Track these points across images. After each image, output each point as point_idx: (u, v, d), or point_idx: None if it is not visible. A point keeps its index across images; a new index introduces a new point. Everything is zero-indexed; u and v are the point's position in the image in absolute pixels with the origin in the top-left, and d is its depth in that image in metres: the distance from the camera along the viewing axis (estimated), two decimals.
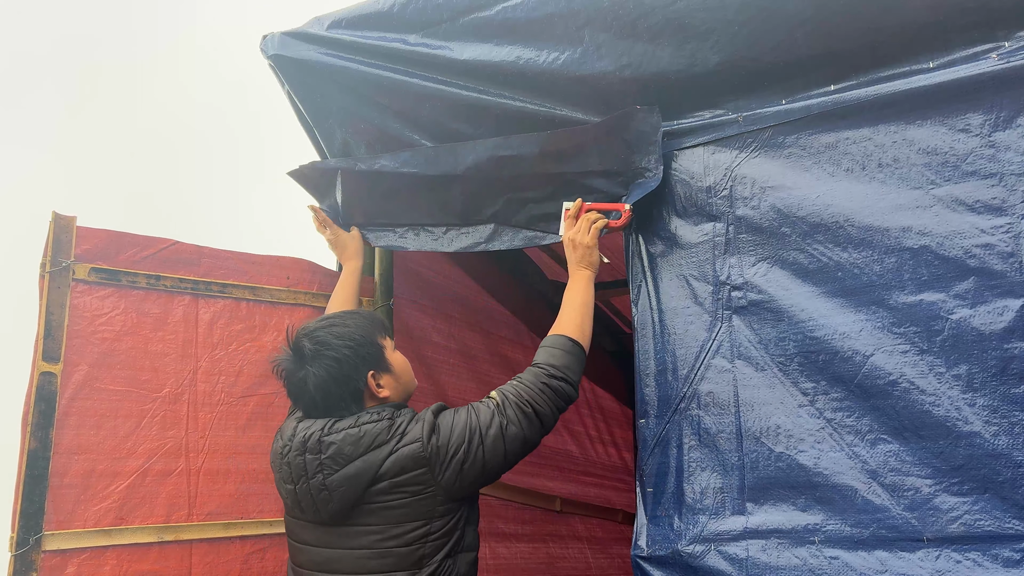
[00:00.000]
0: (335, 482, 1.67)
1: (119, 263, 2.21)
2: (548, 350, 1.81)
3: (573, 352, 1.81)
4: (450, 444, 1.66)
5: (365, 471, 1.65)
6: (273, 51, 2.30)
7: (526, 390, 1.73)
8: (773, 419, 1.77)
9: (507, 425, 1.69)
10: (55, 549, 2.00)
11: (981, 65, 1.63)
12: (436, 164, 2.21)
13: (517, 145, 2.11)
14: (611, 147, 2.02)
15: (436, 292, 2.98)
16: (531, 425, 1.71)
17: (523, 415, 1.71)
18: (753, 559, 1.73)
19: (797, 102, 1.83)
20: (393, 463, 1.65)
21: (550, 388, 1.74)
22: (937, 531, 1.58)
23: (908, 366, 1.64)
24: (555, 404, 1.75)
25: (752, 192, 1.87)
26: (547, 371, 1.76)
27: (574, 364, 1.80)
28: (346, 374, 1.73)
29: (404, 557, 1.66)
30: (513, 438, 1.69)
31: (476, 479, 1.69)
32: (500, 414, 1.70)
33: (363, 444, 1.67)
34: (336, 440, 1.68)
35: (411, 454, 1.65)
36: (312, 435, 1.71)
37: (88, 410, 2.11)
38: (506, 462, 1.71)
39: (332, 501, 1.67)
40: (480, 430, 1.68)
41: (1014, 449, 1.53)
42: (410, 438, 1.67)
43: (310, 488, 1.69)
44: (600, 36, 1.93)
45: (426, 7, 2.11)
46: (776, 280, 1.82)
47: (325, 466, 1.67)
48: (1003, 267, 1.58)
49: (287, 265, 2.50)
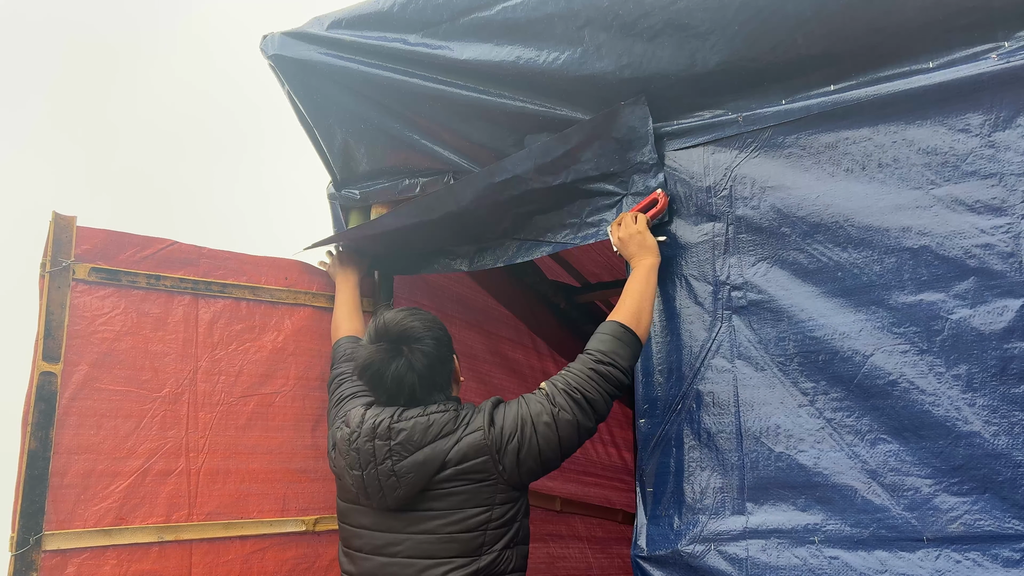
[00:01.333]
0: (404, 468, 1.71)
1: (119, 263, 2.21)
2: (598, 336, 1.83)
3: (622, 338, 1.81)
4: (504, 433, 1.71)
5: (433, 459, 1.70)
6: (273, 51, 2.30)
7: (574, 377, 1.76)
8: (773, 419, 1.77)
9: (558, 412, 1.72)
10: (55, 549, 2.00)
11: (981, 65, 1.63)
12: (435, 208, 2.24)
13: (510, 167, 2.11)
14: (604, 149, 2.02)
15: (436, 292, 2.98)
16: (582, 411, 1.73)
17: (573, 402, 1.73)
18: (753, 559, 1.73)
19: (797, 102, 1.83)
20: (458, 451, 1.70)
21: (598, 374, 1.76)
22: (937, 531, 1.58)
23: (908, 366, 1.64)
24: (605, 390, 1.76)
25: (752, 192, 1.87)
26: (595, 357, 1.78)
27: (622, 349, 1.79)
28: (443, 359, 1.81)
29: (465, 543, 1.70)
30: (565, 424, 1.72)
31: (534, 467, 1.73)
32: (550, 402, 1.73)
33: (432, 432, 1.71)
34: (406, 427, 1.72)
35: (474, 443, 1.70)
36: (382, 422, 1.75)
37: (88, 410, 2.11)
38: (561, 449, 1.74)
39: (400, 487, 1.72)
40: (531, 418, 1.72)
41: (1014, 449, 1.53)
42: (473, 427, 1.72)
43: (378, 474, 1.73)
44: (600, 36, 1.93)
45: (426, 7, 2.11)
46: (776, 280, 1.82)
47: (395, 452, 1.72)
48: (1003, 267, 1.58)
49: (286, 265, 2.50)
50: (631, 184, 2.04)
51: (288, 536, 2.33)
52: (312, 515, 2.38)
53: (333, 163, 2.48)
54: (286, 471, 2.37)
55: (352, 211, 2.56)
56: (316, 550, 2.37)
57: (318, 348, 2.48)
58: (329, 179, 2.57)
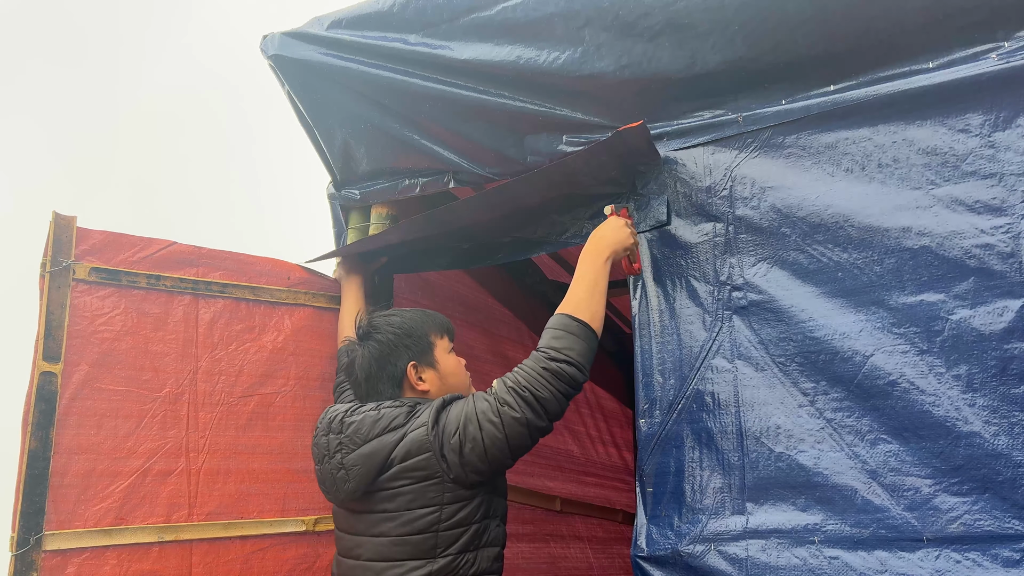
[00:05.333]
0: (351, 460, 1.74)
1: (119, 263, 2.21)
2: (550, 331, 1.75)
3: (575, 331, 1.73)
4: (447, 429, 1.68)
5: (378, 452, 1.71)
6: (273, 51, 2.30)
7: (524, 375, 1.70)
8: (773, 419, 1.77)
9: (505, 411, 1.67)
10: (55, 549, 2.00)
11: (981, 65, 1.63)
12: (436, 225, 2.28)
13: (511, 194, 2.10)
14: (604, 166, 2.00)
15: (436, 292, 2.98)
16: (532, 411, 1.67)
17: (521, 400, 1.67)
18: (753, 559, 1.73)
19: (797, 102, 1.83)
20: (402, 448, 1.70)
21: (549, 372, 1.69)
22: (937, 531, 1.58)
23: (908, 366, 1.64)
24: (556, 387, 1.69)
25: (752, 192, 1.87)
26: (547, 354, 1.71)
27: (577, 344, 1.71)
28: (386, 356, 1.84)
29: (416, 545, 1.69)
30: (512, 422, 1.66)
31: (479, 465, 1.68)
32: (497, 400, 1.69)
33: (379, 426, 1.73)
34: (356, 420, 1.77)
35: (417, 439, 1.69)
36: (337, 415, 1.81)
37: (88, 410, 2.11)
38: (510, 448, 1.68)
39: (349, 480, 1.74)
40: (476, 415, 1.68)
41: (1014, 449, 1.53)
42: (418, 423, 1.71)
43: (331, 467, 1.77)
44: (600, 36, 1.93)
45: (426, 7, 2.11)
46: (776, 280, 1.82)
47: (344, 445, 1.76)
48: (1003, 267, 1.58)
49: (286, 266, 2.50)
50: (632, 185, 2.04)
51: (288, 536, 2.34)
52: (312, 515, 2.38)
53: (333, 163, 2.48)
54: (286, 471, 2.37)
55: (352, 211, 2.56)
56: (316, 550, 2.38)
57: (318, 348, 2.48)
58: (329, 179, 2.57)
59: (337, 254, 2.51)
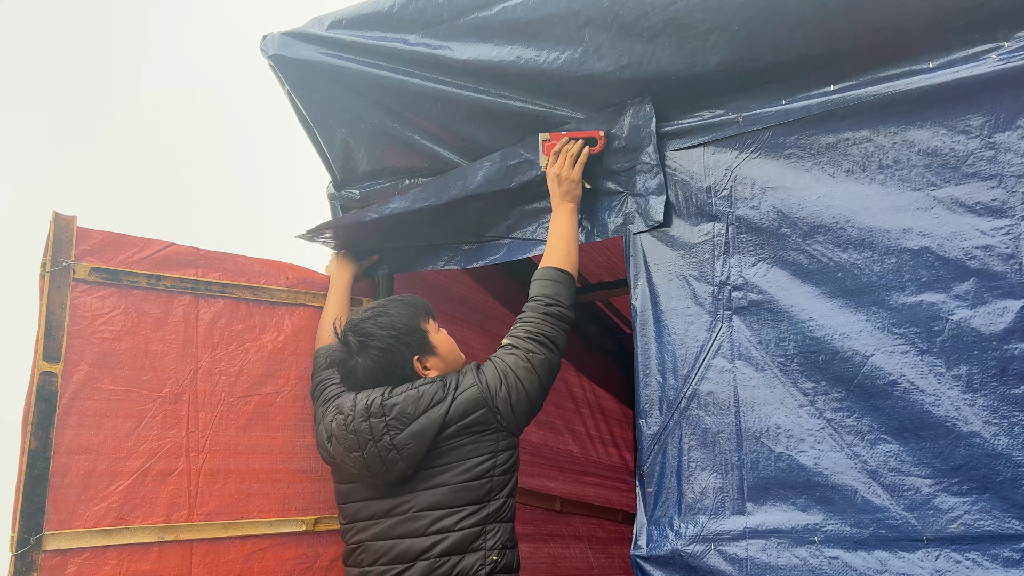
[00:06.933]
0: (402, 440, 1.84)
1: (119, 263, 2.21)
2: (540, 282, 2.00)
3: (562, 281, 2.00)
4: (492, 384, 1.87)
5: (430, 426, 1.84)
6: (273, 51, 2.30)
7: (531, 324, 1.95)
8: (773, 419, 1.77)
9: (530, 355, 1.90)
10: (56, 549, 2.00)
11: (981, 65, 1.63)
12: (448, 190, 2.24)
13: (523, 152, 2.14)
14: (608, 147, 2.03)
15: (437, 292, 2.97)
16: (548, 350, 1.93)
17: (539, 344, 1.92)
18: (753, 559, 1.73)
19: (797, 102, 1.83)
20: (455, 409, 1.85)
21: (550, 315, 1.96)
22: (937, 531, 1.58)
23: (908, 366, 1.64)
24: (559, 327, 1.96)
25: (752, 192, 1.87)
26: (544, 301, 1.97)
27: (564, 291, 1.99)
28: (393, 363, 1.95)
29: (475, 491, 1.86)
30: (541, 363, 1.91)
31: (527, 410, 1.91)
32: (520, 350, 1.91)
33: (423, 403, 1.86)
34: (398, 401, 1.87)
35: (471, 397, 1.86)
36: (374, 401, 1.89)
37: (88, 410, 2.11)
38: (542, 388, 1.93)
39: (401, 459, 1.85)
40: (511, 368, 1.89)
41: (1014, 449, 1.54)
42: (466, 385, 1.88)
43: (378, 450, 1.86)
44: (600, 36, 1.93)
45: (426, 7, 2.11)
46: (776, 280, 1.82)
47: (391, 427, 1.85)
48: (1003, 268, 1.58)
49: (286, 266, 2.50)
50: (632, 184, 2.04)
51: (288, 536, 2.33)
52: (312, 515, 2.38)
53: (333, 163, 2.48)
54: (286, 471, 2.37)
55: (352, 211, 2.56)
56: (316, 550, 2.37)
57: None
58: (329, 179, 2.57)
59: (333, 225, 2.47)
